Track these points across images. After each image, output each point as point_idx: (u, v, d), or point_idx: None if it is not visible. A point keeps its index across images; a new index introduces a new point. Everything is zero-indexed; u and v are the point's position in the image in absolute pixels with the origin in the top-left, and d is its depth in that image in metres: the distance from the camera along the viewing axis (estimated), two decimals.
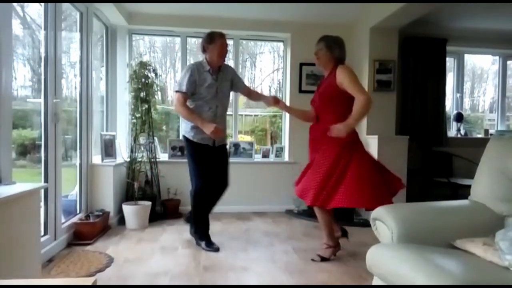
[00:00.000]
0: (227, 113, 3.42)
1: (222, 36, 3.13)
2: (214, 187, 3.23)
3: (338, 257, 2.99)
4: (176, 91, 3.12)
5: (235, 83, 3.34)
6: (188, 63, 4.89)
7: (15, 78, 2.77)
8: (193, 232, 3.33)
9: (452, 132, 5.32)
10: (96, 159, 3.86)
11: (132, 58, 4.58)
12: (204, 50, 3.15)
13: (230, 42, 5.02)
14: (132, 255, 2.98)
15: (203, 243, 3.21)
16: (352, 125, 2.64)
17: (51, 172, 2.95)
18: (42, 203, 2.81)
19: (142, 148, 4.18)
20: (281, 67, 5.12)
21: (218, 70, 3.19)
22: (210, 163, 3.17)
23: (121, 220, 3.91)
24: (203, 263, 2.83)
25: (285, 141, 4.88)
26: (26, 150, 2.96)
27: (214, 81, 3.14)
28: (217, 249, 3.15)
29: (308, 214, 4.35)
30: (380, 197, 2.59)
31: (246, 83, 4.25)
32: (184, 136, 3.25)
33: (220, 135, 3.11)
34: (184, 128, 3.26)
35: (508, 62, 5.57)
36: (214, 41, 3.09)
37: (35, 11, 3.00)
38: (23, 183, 2.11)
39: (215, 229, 3.63)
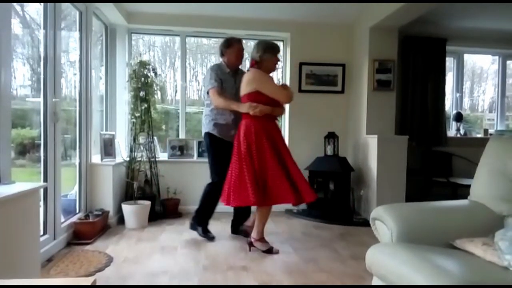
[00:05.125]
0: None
1: (238, 41, 3.47)
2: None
3: (338, 257, 3.00)
4: (210, 89, 3.31)
5: None
6: (187, 63, 4.92)
7: (15, 77, 2.77)
8: (193, 217, 3.53)
9: (451, 131, 5.32)
10: (96, 158, 3.86)
11: (132, 57, 4.58)
12: (222, 54, 3.46)
13: None
14: (131, 255, 2.98)
15: (200, 229, 3.45)
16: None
17: (50, 172, 2.95)
18: (41, 203, 2.81)
19: (142, 148, 4.18)
20: (280, 66, 5.11)
21: (236, 72, 3.46)
22: (228, 159, 3.21)
23: (121, 220, 3.90)
24: (203, 263, 2.83)
25: (285, 141, 4.87)
26: (25, 149, 2.96)
27: (233, 83, 3.38)
28: (212, 238, 3.41)
29: (307, 213, 4.35)
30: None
31: None
32: (207, 133, 3.43)
33: (257, 110, 3.12)
34: (207, 125, 3.43)
35: (508, 62, 5.57)
36: (232, 46, 3.41)
37: (35, 10, 3.00)
38: (23, 182, 2.11)
39: (215, 228, 3.62)
